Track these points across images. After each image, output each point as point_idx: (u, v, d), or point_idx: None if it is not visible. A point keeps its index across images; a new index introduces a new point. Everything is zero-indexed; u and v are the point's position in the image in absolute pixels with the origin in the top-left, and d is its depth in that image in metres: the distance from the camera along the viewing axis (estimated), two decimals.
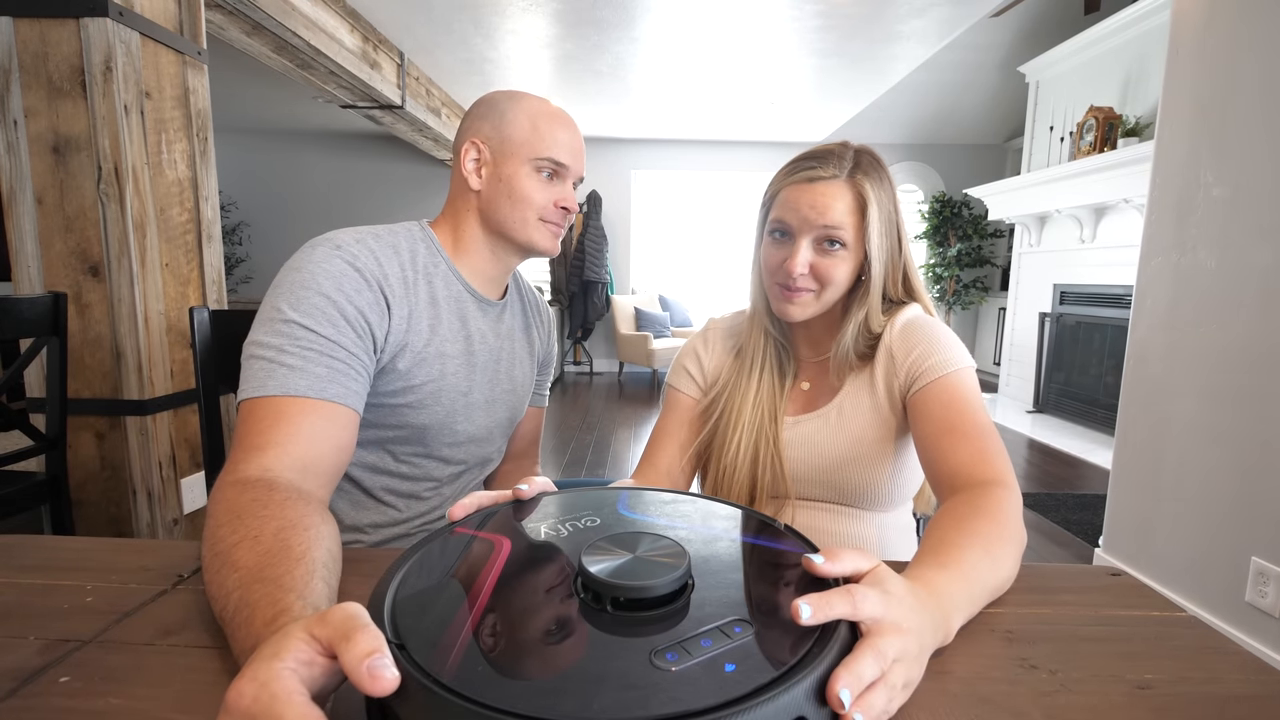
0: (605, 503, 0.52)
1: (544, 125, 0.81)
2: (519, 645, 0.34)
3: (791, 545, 0.46)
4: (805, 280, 0.78)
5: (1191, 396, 1.76)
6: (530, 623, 0.36)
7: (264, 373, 0.64)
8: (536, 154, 0.81)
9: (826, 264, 0.77)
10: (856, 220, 0.76)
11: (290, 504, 0.51)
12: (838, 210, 0.75)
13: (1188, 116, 1.80)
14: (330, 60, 2.77)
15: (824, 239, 0.77)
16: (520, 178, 0.81)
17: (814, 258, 0.77)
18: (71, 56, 1.49)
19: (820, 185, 0.76)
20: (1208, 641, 0.48)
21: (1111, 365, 3.91)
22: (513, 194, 0.81)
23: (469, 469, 0.90)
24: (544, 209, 0.83)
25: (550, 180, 0.83)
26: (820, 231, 0.76)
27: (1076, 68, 4.16)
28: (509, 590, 0.39)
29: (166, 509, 1.69)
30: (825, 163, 0.77)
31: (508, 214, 0.82)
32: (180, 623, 0.47)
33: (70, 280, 1.55)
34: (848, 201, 0.76)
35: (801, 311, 0.80)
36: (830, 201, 0.75)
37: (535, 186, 0.82)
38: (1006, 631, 0.48)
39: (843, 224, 0.76)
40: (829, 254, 0.77)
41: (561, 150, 0.82)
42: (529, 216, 0.82)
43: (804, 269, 0.77)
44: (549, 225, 0.84)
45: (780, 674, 0.31)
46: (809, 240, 0.77)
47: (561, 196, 0.83)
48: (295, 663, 0.30)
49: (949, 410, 0.72)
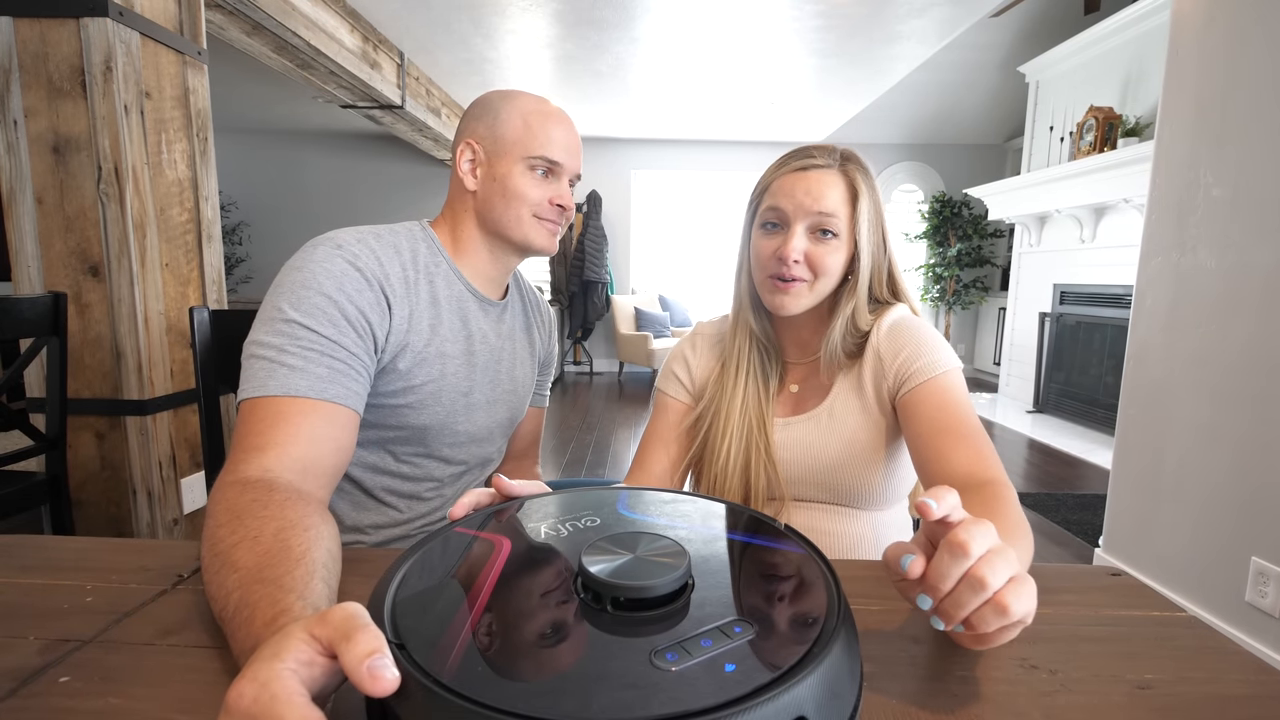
0: (605, 503, 0.52)
1: (537, 123, 0.81)
2: (519, 645, 0.34)
3: (791, 545, 0.46)
4: (800, 269, 0.78)
5: (1191, 396, 1.76)
6: (530, 623, 0.36)
7: (265, 373, 0.64)
8: (529, 152, 0.81)
9: (820, 252, 0.78)
10: (848, 210, 0.78)
11: (290, 504, 0.51)
12: (832, 197, 0.77)
13: (1188, 116, 1.80)
14: (330, 60, 2.77)
15: (818, 227, 0.78)
16: (514, 176, 0.81)
17: (808, 246, 0.78)
18: (71, 56, 1.49)
19: (814, 173, 0.78)
20: (1208, 642, 0.48)
21: (1111, 365, 3.91)
22: (507, 193, 0.81)
23: (470, 469, 0.90)
24: (539, 206, 0.82)
25: (545, 178, 0.83)
26: (815, 218, 0.77)
27: (1076, 68, 4.16)
28: (509, 590, 0.39)
29: (166, 509, 1.69)
30: (816, 155, 0.79)
31: (502, 213, 0.82)
32: (180, 623, 0.47)
33: (70, 280, 1.55)
34: (841, 190, 0.78)
35: (795, 303, 0.80)
36: (825, 189, 0.77)
37: (529, 184, 0.81)
38: None
39: (836, 212, 0.77)
40: (822, 242, 0.78)
41: (555, 148, 0.82)
42: (523, 214, 0.82)
43: (799, 255, 0.77)
44: (545, 223, 0.84)
45: (780, 674, 0.31)
46: (803, 227, 0.78)
47: (556, 194, 0.83)
48: (295, 663, 0.30)
49: (942, 412, 0.72)
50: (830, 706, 0.32)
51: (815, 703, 0.31)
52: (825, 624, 0.36)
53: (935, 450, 0.69)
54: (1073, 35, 4.08)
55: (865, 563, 0.61)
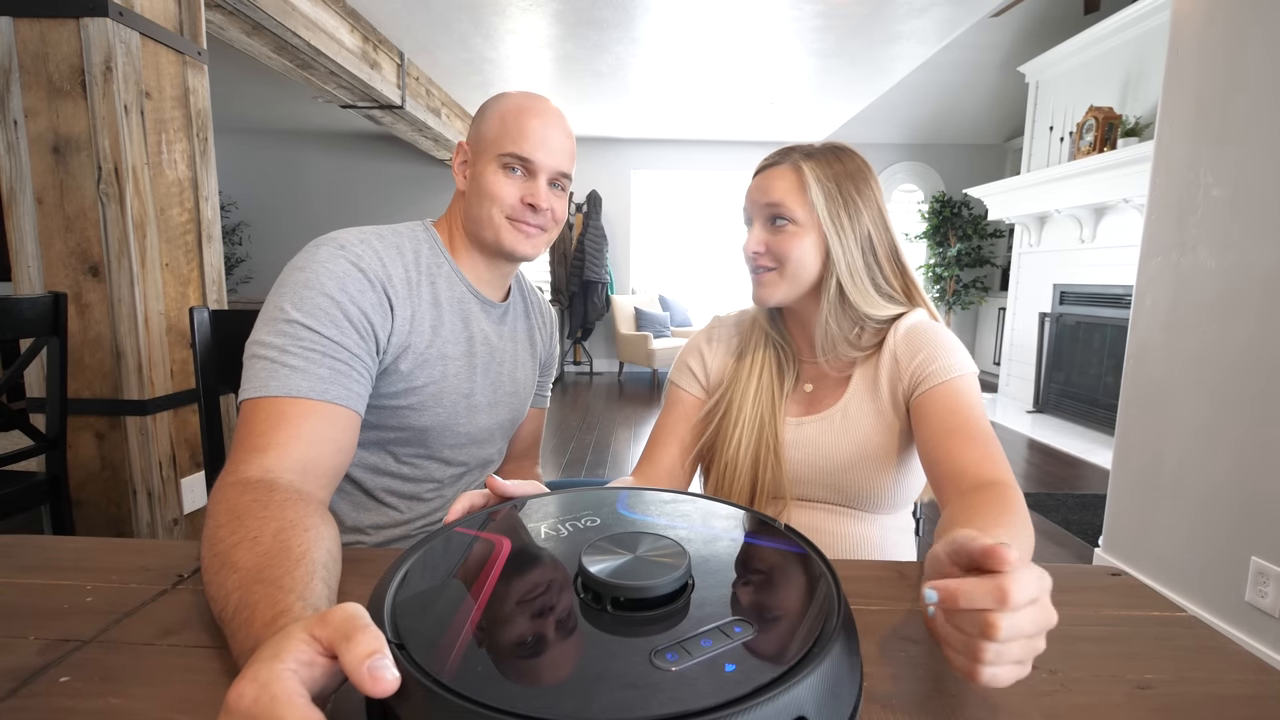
0: (605, 503, 0.52)
1: (512, 119, 0.79)
2: (519, 645, 0.34)
3: (792, 545, 0.46)
4: (763, 259, 0.82)
5: (1191, 396, 1.76)
6: (530, 623, 0.36)
7: (266, 373, 0.64)
8: (501, 149, 0.79)
9: (777, 240, 0.81)
10: (800, 198, 0.80)
11: (290, 505, 0.51)
12: (778, 189, 0.81)
13: (1188, 116, 1.80)
14: (330, 60, 2.77)
15: (770, 218, 0.82)
16: (487, 175, 0.80)
17: (766, 236, 0.82)
18: (71, 56, 1.49)
19: (765, 173, 0.84)
20: (1208, 642, 0.48)
21: (1111, 365, 3.91)
22: (480, 192, 0.80)
23: (470, 470, 0.90)
24: (510, 207, 0.80)
25: (519, 176, 0.80)
26: (764, 210, 0.82)
27: (1076, 68, 4.16)
28: (509, 590, 0.39)
29: (166, 509, 1.69)
30: (774, 157, 0.84)
31: (477, 213, 0.81)
32: (180, 623, 0.47)
33: (70, 280, 1.55)
34: (788, 180, 0.81)
35: (767, 293, 0.83)
36: (771, 183, 0.82)
37: (500, 183, 0.79)
38: None
39: (783, 200, 0.80)
40: (778, 231, 0.81)
41: (527, 144, 0.79)
42: (494, 215, 0.80)
43: (758, 246, 0.82)
44: (518, 225, 0.81)
45: (780, 674, 0.31)
46: (760, 222, 0.83)
47: (529, 192, 0.80)
48: (296, 664, 0.30)
49: (954, 414, 0.72)
50: (830, 707, 0.32)
51: (815, 703, 0.31)
52: (825, 624, 0.36)
53: (945, 450, 0.70)
54: (1073, 35, 4.08)
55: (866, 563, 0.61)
